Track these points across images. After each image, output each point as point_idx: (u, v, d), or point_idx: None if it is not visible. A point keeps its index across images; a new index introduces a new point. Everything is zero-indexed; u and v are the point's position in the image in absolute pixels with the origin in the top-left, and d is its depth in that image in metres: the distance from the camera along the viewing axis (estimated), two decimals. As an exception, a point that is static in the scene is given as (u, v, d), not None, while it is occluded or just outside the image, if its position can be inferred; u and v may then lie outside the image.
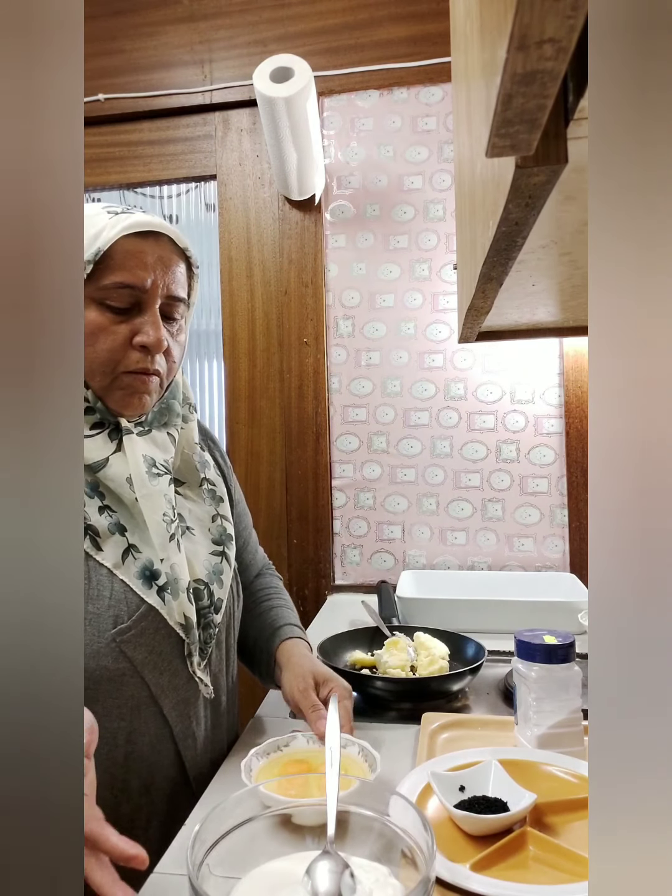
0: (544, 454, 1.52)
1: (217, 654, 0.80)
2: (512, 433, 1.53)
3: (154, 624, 0.70)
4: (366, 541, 1.59)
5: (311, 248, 1.61)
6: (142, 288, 0.71)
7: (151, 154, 1.70)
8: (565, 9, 0.23)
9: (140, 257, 0.71)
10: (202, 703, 0.77)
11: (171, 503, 0.74)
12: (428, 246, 1.56)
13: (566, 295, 0.81)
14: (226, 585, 0.80)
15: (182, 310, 0.77)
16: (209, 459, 0.88)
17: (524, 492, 1.52)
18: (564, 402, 1.50)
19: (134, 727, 0.71)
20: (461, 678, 0.89)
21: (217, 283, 1.69)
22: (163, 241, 0.73)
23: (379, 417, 1.59)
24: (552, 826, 0.59)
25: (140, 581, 0.71)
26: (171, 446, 0.79)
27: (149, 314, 0.72)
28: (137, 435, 0.75)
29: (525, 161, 0.32)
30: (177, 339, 0.77)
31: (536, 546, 1.52)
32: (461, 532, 1.55)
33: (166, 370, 0.76)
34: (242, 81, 1.61)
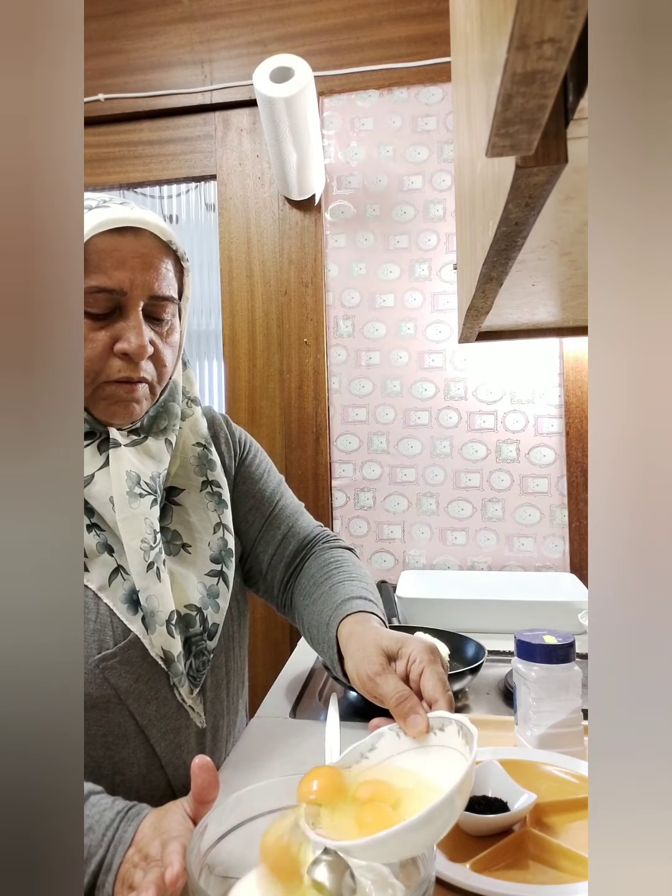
0: (544, 454, 1.52)
1: (213, 680, 0.75)
2: (512, 433, 1.53)
3: (140, 652, 0.67)
4: (366, 541, 1.59)
5: (311, 248, 1.61)
6: (120, 291, 0.65)
7: (151, 154, 1.70)
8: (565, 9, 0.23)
9: (116, 256, 0.64)
10: (194, 731, 0.73)
11: (151, 527, 0.69)
12: (428, 246, 1.56)
13: (566, 295, 0.81)
14: (222, 609, 0.75)
15: (171, 309, 0.71)
16: (215, 459, 0.81)
17: (524, 492, 1.52)
18: (564, 402, 1.50)
19: (122, 756, 0.67)
20: (461, 678, 0.89)
21: (217, 283, 1.69)
22: (144, 236, 0.67)
23: (379, 417, 1.59)
24: (552, 826, 0.59)
25: (125, 606, 0.67)
26: (166, 455, 0.73)
27: (130, 319, 0.66)
28: (129, 445, 0.70)
29: (525, 161, 0.32)
30: (167, 340, 0.71)
31: (536, 546, 1.52)
32: (461, 532, 1.55)
33: (156, 376, 0.70)
34: (242, 81, 1.61)
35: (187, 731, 0.72)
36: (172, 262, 0.71)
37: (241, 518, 0.85)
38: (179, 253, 0.72)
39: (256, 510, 0.86)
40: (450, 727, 0.53)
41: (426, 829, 0.43)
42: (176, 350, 0.74)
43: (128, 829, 0.52)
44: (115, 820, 0.53)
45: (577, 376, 1.49)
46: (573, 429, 1.50)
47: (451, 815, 0.44)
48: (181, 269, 0.73)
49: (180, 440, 0.78)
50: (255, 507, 0.86)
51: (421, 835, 0.43)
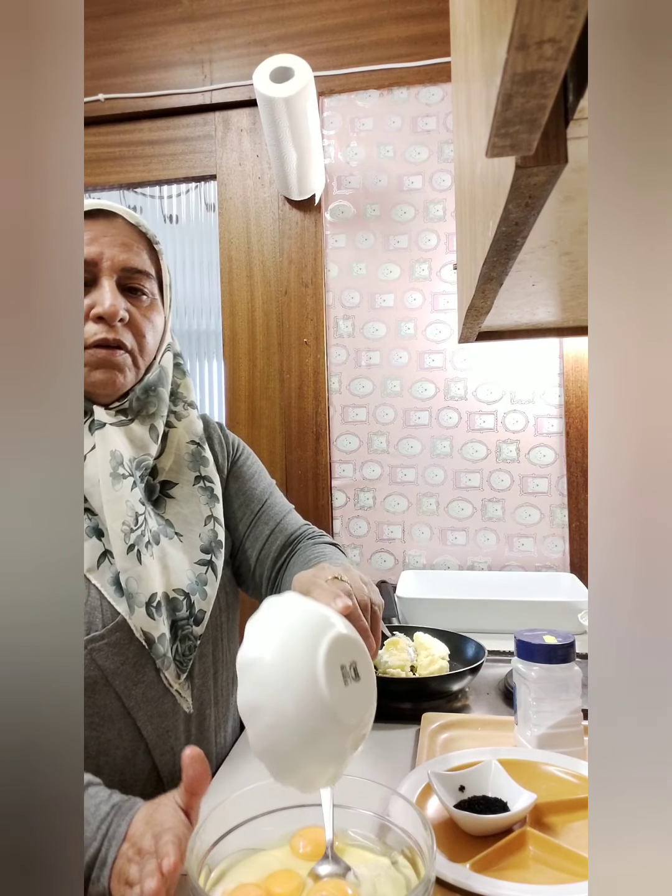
0: (544, 454, 1.52)
1: (200, 667, 0.77)
2: (512, 433, 1.53)
3: (127, 634, 0.69)
4: (366, 541, 1.59)
5: (311, 248, 1.61)
6: (91, 261, 0.72)
7: (151, 154, 1.70)
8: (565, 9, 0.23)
9: (89, 235, 0.72)
10: (182, 717, 0.74)
11: (133, 510, 0.71)
12: (428, 246, 1.56)
13: (566, 295, 0.81)
14: (210, 597, 0.77)
15: (148, 284, 0.76)
16: (208, 456, 0.85)
17: (524, 492, 1.52)
18: (564, 402, 1.50)
19: (107, 738, 0.69)
20: (461, 678, 0.89)
21: (217, 283, 1.69)
22: (116, 222, 0.74)
23: (379, 417, 1.59)
24: (552, 826, 0.59)
25: (113, 588, 0.69)
26: (151, 443, 0.76)
27: (103, 287, 0.72)
28: (115, 425, 0.73)
29: (525, 161, 0.32)
30: (148, 315, 0.76)
31: (536, 546, 1.52)
32: (461, 532, 1.55)
33: (136, 346, 0.74)
34: (242, 81, 1.61)
35: (175, 716, 0.73)
36: (145, 245, 0.77)
37: (231, 514, 0.89)
38: (149, 235, 0.78)
39: (246, 506, 0.89)
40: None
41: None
42: (158, 329, 0.78)
43: (121, 823, 0.52)
44: (110, 814, 0.53)
45: (577, 376, 1.49)
46: (573, 429, 1.49)
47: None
48: (156, 256, 0.79)
49: (174, 438, 0.81)
50: (244, 503, 0.89)
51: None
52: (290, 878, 0.46)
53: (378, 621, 0.64)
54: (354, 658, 0.47)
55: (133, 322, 0.74)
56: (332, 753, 0.45)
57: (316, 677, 0.43)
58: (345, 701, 0.44)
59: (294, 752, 0.44)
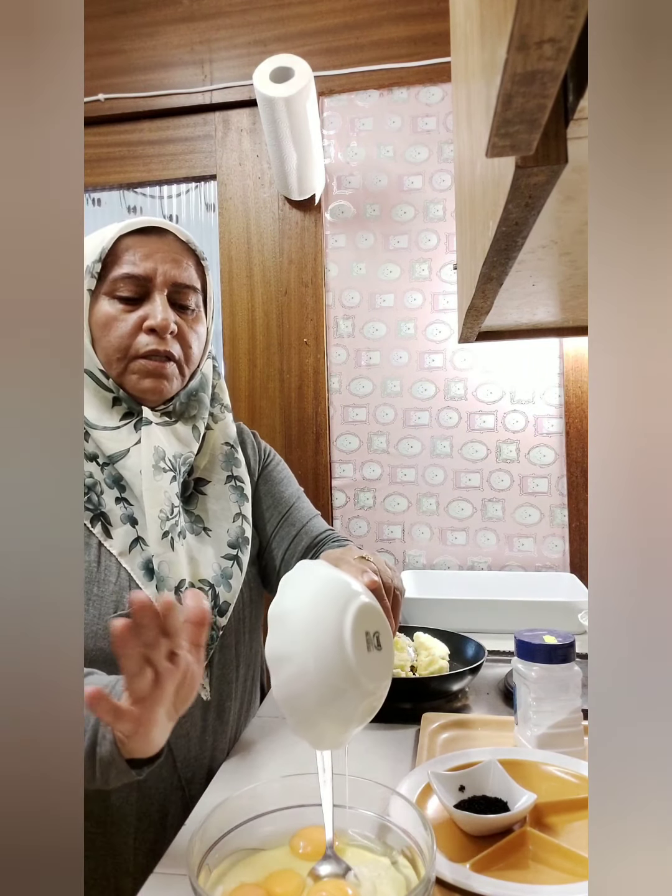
0: (544, 454, 1.52)
1: (221, 657, 0.80)
2: (512, 433, 1.53)
3: None
4: (366, 541, 1.59)
5: (311, 248, 1.61)
6: (145, 277, 0.76)
7: (151, 154, 1.70)
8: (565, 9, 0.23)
9: (143, 250, 0.77)
10: (200, 705, 0.77)
11: (170, 501, 0.76)
12: (428, 246, 1.56)
13: (566, 295, 0.81)
14: (234, 590, 0.80)
15: (195, 298, 0.81)
16: (241, 458, 0.89)
17: (524, 492, 1.52)
18: (564, 402, 1.50)
19: None
20: (461, 678, 0.89)
21: (217, 283, 1.69)
22: (167, 238, 0.79)
23: (379, 417, 1.59)
24: (552, 826, 0.59)
25: (142, 572, 0.73)
26: (193, 441, 0.81)
27: (156, 301, 0.76)
28: (161, 425, 0.78)
29: (525, 161, 0.32)
30: (193, 327, 0.81)
31: (536, 546, 1.52)
32: (461, 532, 1.55)
33: (183, 356, 0.79)
34: (242, 81, 1.60)
35: (193, 702, 0.75)
36: (193, 260, 0.82)
37: (259, 515, 0.92)
38: (198, 252, 0.82)
39: (274, 508, 0.93)
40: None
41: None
42: (202, 340, 0.84)
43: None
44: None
45: (577, 376, 1.49)
46: (573, 429, 1.49)
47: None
48: (202, 269, 0.83)
49: (211, 439, 0.86)
50: (273, 505, 0.93)
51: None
52: (290, 878, 0.47)
53: (399, 605, 0.67)
54: (378, 628, 0.49)
55: (181, 334, 0.79)
56: (346, 714, 0.47)
57: (343, 638, 0.45)
58: (366, 665, 0.46)
59: (312, 705, 0.46)
